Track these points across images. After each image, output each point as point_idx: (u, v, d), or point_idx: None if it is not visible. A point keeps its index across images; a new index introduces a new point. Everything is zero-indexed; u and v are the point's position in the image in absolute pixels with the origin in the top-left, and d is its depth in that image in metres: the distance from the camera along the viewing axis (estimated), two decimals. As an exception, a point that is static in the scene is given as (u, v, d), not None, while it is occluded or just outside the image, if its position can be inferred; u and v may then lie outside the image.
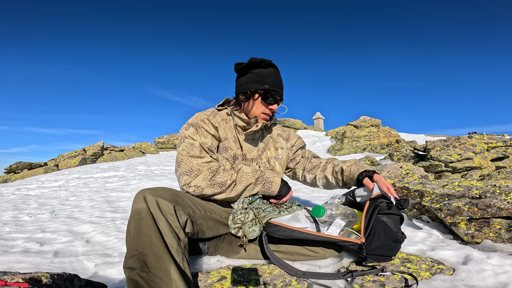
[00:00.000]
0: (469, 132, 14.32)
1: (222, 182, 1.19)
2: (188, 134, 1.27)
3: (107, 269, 1.40)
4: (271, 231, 1.10)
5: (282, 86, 1.36)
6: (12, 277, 0.86)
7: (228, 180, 1.19)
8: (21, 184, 5.37)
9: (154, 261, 0.88)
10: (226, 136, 1.32)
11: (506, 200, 1.40)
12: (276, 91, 1.32)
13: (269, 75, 1.31)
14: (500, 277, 0.98)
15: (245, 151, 1.35)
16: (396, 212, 1.16)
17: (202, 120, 1.29)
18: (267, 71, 1.31)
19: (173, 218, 0.99)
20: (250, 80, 1.32)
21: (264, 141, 1.44)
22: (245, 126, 1.35)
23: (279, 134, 1.53)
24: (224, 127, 1.34)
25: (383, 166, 2.67)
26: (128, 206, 2.97)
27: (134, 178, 5.10)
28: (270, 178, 1.25)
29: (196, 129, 1.27)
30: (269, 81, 1.30)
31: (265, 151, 1.41)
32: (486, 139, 5.12)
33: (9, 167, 9.43)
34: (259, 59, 1.30)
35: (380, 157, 5.51)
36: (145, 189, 1.03)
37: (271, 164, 1.41)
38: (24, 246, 1.81)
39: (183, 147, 1.24)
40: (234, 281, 1.05)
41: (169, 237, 0.95)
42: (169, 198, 1.03)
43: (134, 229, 0.95)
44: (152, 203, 0.97)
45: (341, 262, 1.19)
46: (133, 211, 0.98)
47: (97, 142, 10.90)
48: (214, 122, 1.31)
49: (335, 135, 9.92)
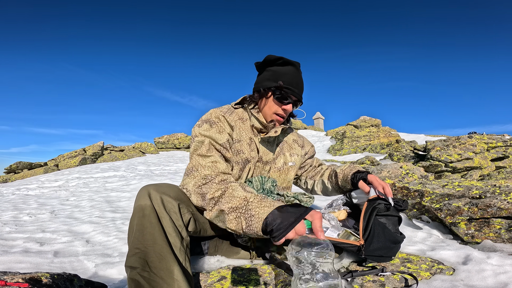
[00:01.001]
0: (469, 132, 14.32)
1: (203, 193, 1.00)
2: (199, 131, 1.18)
3: (107, 269, 1.40)
4: None
5: (300, 86, 1.24)
6: (12, 277, 0.86)
7: (208, 194, 0.98)
8: (21, 184, 5.37)
9: (156, 260, 0.87)
10: (239, 138, 1.23)
11: (506, 200, 1.40)
12: (290, 89, 1.21)
13: (286, 73, 1.22)
14: (500, 277, 0.98)
15: (261, 154, 1.27)
16: (394, 213, 1.16)
17: (218, 117, 1.21)
18: (285, 69, 1.22)
19: (177, 217, 0.97)
20: (265, 77, 1.25)
21: (280, 145, 1.36)
22: (262, 129, 1.27)
23: (295, 140, 1.45)
24: (240, 127, 1.25)
25: (383, 166, 2.67)
26: (128, 206, 2.97)
27: (134, 178, 5.11)
28: (252, 210, 0.86)
29: (210, 125, 1.18)
30: (284, 79, 1.21)
31: (280, 156, 1.34)
32: (486, 139, 5.12)
33: (9, 167, 9.43)
34: (276, 57, 1.22)
35: (380, 157, 5.51)
36: (150, 185, 1.01)
37: (284, 170, 1.33)
38: (24, 246, 1.81)
39: (194, 146, 1.15)
40: (234, 281, 1.05)
41: (173, 236, 0.93)
42: (174, 195, 1.01)
43: (137, 226, 0.93)
44: (156, 200, 0.95)
45: (341, 262, 1.19)
46: (136, 207, 0.95)
47: (97, 142, 10.91)
48: (231, 120, 1.23)
49: (335, 135, 9.92)
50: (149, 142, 12.12)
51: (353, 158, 6.37)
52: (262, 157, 1.26)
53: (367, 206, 1.16)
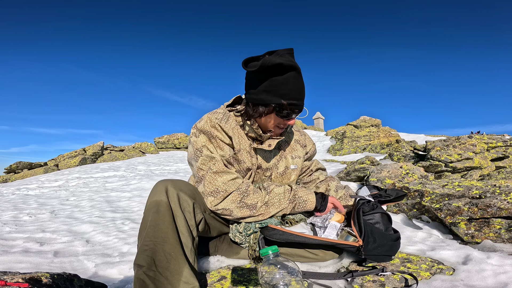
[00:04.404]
0: (473, 132, 14.31)
1: (252, 204, 1.08)
2: (202, 143, 1.12)
3: (107, 269, 1.40)
4: (269, 234, 1.09)
5: (303, 94, 1.11)
6: (12, 277, 0.86)
7: (259, 203, 1.09)
8: (21, 184, 5.37)
9: (164, 260, 0.87)
10: (239, 147, 1.17)
11: (506, 200, 1.40)
12: (295, 104, 1.08)
13: (287, 83, 1.05)
14: (500, 277, 0.98)
15: (260, 161, 1.22)
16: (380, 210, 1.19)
17: (214, 127, 1.13)
18: (286, 78, 1.05)
19: (190, 216, 0.97)
20: (262, 88, 1.08)
21: (281, 148, 1.30)
22: (257, 137, 1.20)
23: (297, 140, 1.37)
24: (238, 135, 1.18)
25: (383, 166, 2.67)
26: (128, 206, 2.97)
27: (134, 178, 5.10)
28: (303, 197, 1.15)
29: (209, 138, 1.12)
30: (286, 93, 1.06)
31: (281, 160, 1.28)
32: (486, 139, 5.12)
33: (9, 167, 9.44)
34: (274, 63, 1.02)
35: (380, 157, 5.51)
36: (167, 180, 1.00)
37: (287, 174, 1.28)
38: (24, 246, 1.81)
39: (202, 161, 1.09)
40: (234, 281, 1.05)
41: (185, 236, 0.92)
42: (190, 193, 1.01)
43: (150, 222, 0.91)
44: (173, 197, 0.94)
45: (341, 262, 1.19)
46: (152, 202, 0.94)
47: (97, 142, 10.91)
48: (228, 129, 1.15)
49: (335, 135, 9.92)
50: (149, 142, 12.12)
51: (353, 158, 6.37)
52: (261, 165, 1.22)
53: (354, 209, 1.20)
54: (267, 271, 0.80)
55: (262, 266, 0.82)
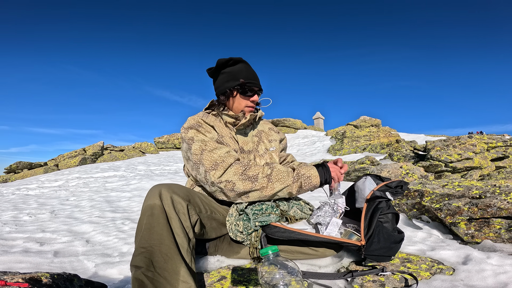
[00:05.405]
0: (472, 132, 14.28)
1: (253, 175, 1.12)
2: (191, 135, 1.23)
3: (107, 269, 1.40)
4: (270, 232, 1.09)
5: (257, 77, 1.38)
6: (12, 277, 0.86)
7: (260, 174, 1.12)
8: (21, 184, 5.37)
9: (162, 261, 0.88)
10: (222, 134, 1.32)
11: (506, 200, 1.40)
12: (251, 82, 1.34)
13: (241, 71, 1.33)
14: (500, 277, 0.98)
15: (241, 145, 1.35)
16: (393, 211, 1.17)
17: (198, 122, 1.29)
18: (238, 67, 1.34)
19: (185, 218, 0.99)
20: (224, 80, 1.34)
21: (257, 135, 1.45)
22: (235, 122, 1.35)
23: (271, 128, 1.55)
24: (219, 126, 1.34)
25: (383, 166, 2.67)
26: (128, 206, 2.98)
27: (134, 178, 5.11)
28: (306, 173, 1.15)
29: (197, 129, 1.25)
30: (243, 75, 1.32)
31: (260, 143, 1.42)
32: (486, 139, 5.12)
33: (9, 167, 9.44)
34: (226, 59, 1.32)
35: (380, 157, 5.51)
36: (161, 185, 1.02)
37: (268, 155, 1.41)
38: (24, 246, 1.81)
39: (195, 147, 1.19)
40: (234, 281, 1.05)
41: (181, 237, 0.94)
42: (183, 195, 1.03)
43: (145, 225, 0.94)
44: (167, 200, 0.96)
45: (341, 262, 1.19)
46: (146, 206, 0.96)
47: (97, 142, 10.91)
48: (209, 121, 1.32)
49: (335, 135, 9.92)
50: (149, 142, 12.12)
51: (353, 158, 6.36)
52: (243, 148, 1.34)
53: (367, 206, 1.16)
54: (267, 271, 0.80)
55: (262, 266, 0.82)
